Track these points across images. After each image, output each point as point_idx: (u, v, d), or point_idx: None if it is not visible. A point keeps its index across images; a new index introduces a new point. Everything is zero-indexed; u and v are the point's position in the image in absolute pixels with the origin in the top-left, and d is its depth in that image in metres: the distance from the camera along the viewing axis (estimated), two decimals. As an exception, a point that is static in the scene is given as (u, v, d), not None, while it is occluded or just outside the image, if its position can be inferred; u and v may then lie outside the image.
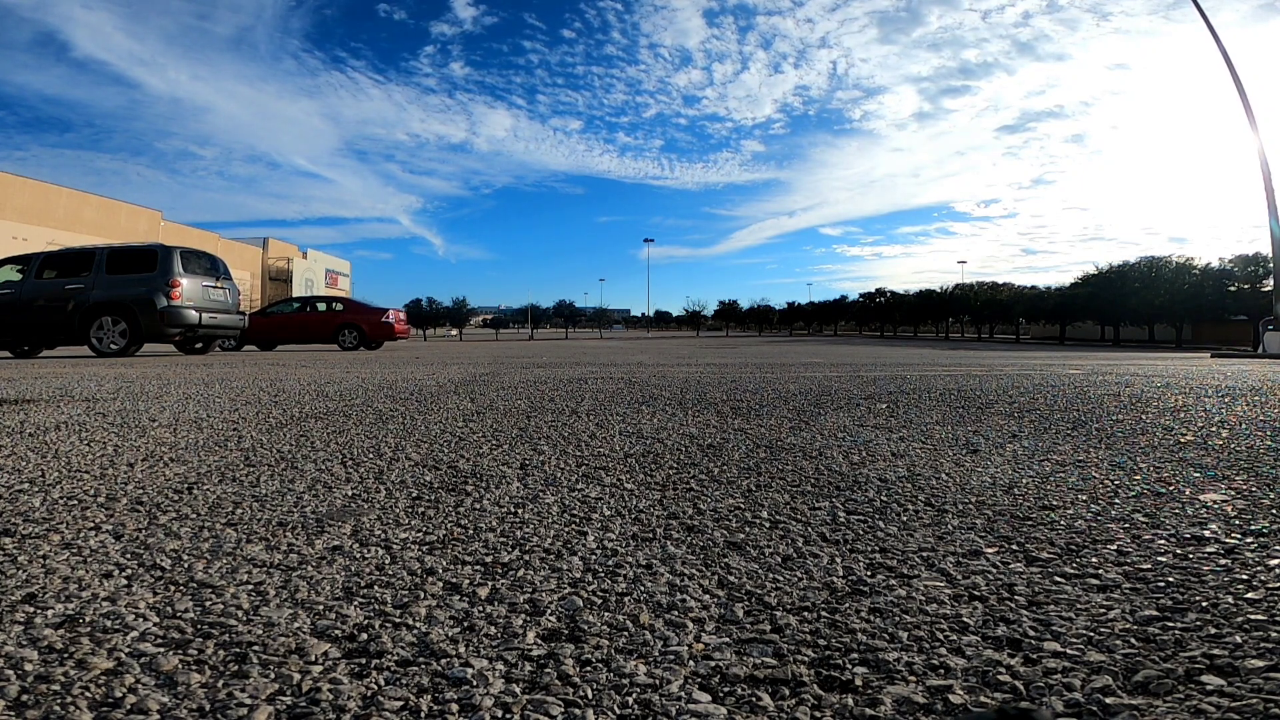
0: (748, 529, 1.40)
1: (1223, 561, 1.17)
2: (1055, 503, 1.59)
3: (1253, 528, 1.37)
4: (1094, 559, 1.19)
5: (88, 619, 0.95)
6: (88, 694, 0.75)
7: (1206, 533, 1.34)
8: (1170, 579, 1.09)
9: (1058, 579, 1.10)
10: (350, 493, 1.70)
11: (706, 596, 1.04)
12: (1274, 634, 0.88)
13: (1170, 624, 0.92)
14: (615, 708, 0.73)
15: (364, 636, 0.90)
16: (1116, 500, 1.61)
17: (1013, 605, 0.99)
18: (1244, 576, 1.09)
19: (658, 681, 0.78)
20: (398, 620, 0.95)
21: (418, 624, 0.94)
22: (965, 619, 0.95)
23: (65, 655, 0.84)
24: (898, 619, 0.95)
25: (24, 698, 0.74)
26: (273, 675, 0.79)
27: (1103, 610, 0.97)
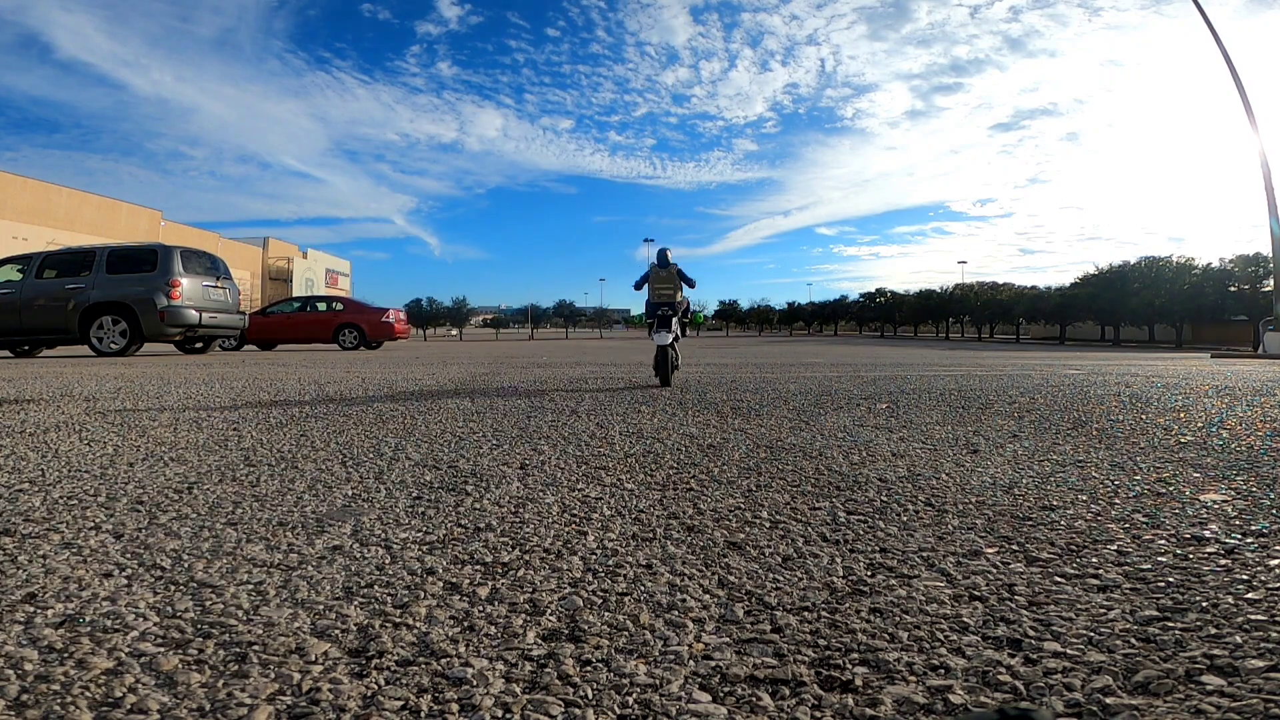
0: (748, 529, 1.40)
1: (1223, 561, 1.17)
2: (1055, 503, 1.59)
3: (1253, 528, 1.37)
4: (1094, 559, 1.19)
5: (88, 619, 0.95)
6: (88, 694, 0.75)
7: (1206, 533, 1.34)
8: (1170, 579, 1.09)
9: (1058, 579, 1.10)
10: (350, 492, 1.70)
11: (706, 596, 1.04)
12: (1274, 634, 0.88)
13: (1170, 624, 0.92)
14: (615, 708, 0.73)
15: (364, 636, 0.90)
16: (1116, 500, 1.61)
17: (1013, 605, 0.99)
18: (1244, 576, 1.09)
19: (658, 681, 0.78)
20: (398, 620, 0.95)
21: (418, 624, 0.94)
22: (965, 619, 0.95)
23: (65, 655, 0.84)
24: (898, 619, 0.95)
25: (24, 697, 0.74)
26: (273, 675, 0.79)
27: (1103, 610, 0.97)
